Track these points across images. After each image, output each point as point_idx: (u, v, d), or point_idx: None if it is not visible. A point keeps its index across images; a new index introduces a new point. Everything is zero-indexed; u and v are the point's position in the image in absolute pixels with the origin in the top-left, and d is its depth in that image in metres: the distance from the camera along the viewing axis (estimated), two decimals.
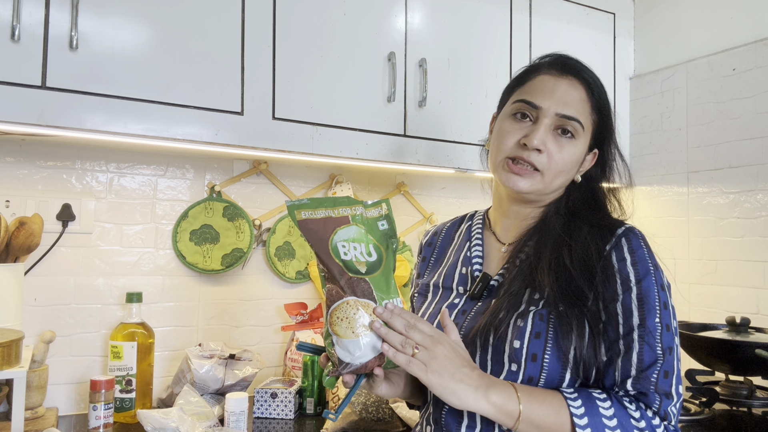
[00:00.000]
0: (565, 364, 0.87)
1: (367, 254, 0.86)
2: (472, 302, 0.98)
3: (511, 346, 0.88)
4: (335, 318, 0.82)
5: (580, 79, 0.97)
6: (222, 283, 1.75)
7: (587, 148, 1.00)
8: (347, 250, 0.85)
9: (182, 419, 1.30)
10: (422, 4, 1.67)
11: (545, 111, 0.95)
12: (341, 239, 0.86)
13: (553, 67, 0.98)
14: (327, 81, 1.52)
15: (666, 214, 2.07)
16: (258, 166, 1.79)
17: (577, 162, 0.98)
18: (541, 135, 0.94)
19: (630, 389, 0.85)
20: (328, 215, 0.87)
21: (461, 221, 1.15)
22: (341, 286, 0.83)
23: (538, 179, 0.96)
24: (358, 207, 0.90)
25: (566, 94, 0.95)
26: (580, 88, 0.97)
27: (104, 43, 1.26)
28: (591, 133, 0.99)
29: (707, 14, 1.98)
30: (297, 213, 0.86)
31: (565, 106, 0.95)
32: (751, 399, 1.50)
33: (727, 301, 1.88)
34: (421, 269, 1.14)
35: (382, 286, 0.86)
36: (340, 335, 0.82)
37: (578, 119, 0.95)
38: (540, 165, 0.95)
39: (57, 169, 1.55)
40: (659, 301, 0.87)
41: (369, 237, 0.88)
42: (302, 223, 0.86)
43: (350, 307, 0.82)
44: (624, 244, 0.90)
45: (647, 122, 2.14)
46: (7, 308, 1.35)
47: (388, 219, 0.92)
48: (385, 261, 0.88)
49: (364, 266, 0.85)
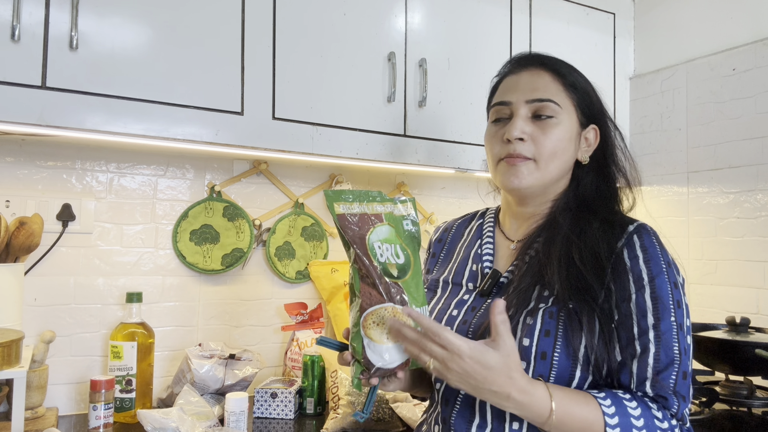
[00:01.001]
0: (575, 363, 0.86)
1: (396, 255, 0.87)
2: (482, 299, 0.98)
3: (520, 344, 0.88)
4: (370, 322, 0.82)
5: (541, 65, 0.99)
6: (222, 283, 1.75)
7: (578, 126, 0.99)
8: (382, 251, 0.86)
9: (182, 419, 1.30)
10: (422, 4, 1.67)
11: (516, 103, 0.98)
12: (377, 239, 0.86)
13: (514, 66, 1.02)
14: (327, 81, 1.52)
15: (666, 214, 2.07)
16: (258, 166, 1.79)
17: (567, 140, 0.97)
18: (519, 125, 0.96)
19: (649, 391, 0.85)
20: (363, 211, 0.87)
21: (471, 218, 1.15)
22: (380, 291, 0.83)
23: (532, 167, 0.96)
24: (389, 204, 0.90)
25: (530, 82, 0.98)
26: (543, 73, 0.98)
27: (104, 43, 1.26)
28: (575, 110, 0.98)
29: (707, 14, 1.98)
30: (336, 205, 0.86)
31: (533, 91, 0.97)
32: (751, 399, 1.50)
33: (727, 301, 1.88)
34: (430, 265, 1.14)
35: (413, 291, 0.87)
36: (374, 339, 0.82)
37: (550, 99, 0.96)
38: (529, 153, 0.96)
39: (57, 169, 1.55)
40: (673, 300, 0.87)
41: (398, 238, 0.88)
42: (341, 218, 0.86)
43: (387, 313, 0.83)
44: (636, 242, 0.90)
45: (647, 122, 2.14)
46: (7, 308, 1.35)
47: (413, 220, 0.93)
48: (414, 264, 0.88)
49: (395, 269, 0.86)
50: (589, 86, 1.02)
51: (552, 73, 0.98)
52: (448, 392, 0.95)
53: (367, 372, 0.84)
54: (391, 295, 0.83)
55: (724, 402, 1.51)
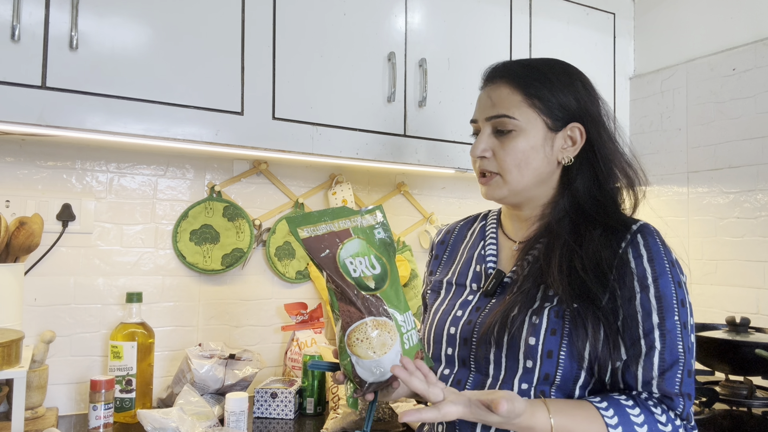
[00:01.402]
0: (581, 362, 0.87)
1: (371, 267, 0.86)
2: (486, 299, 0.99)
3: (526, 344, 0.88)
4: (354, 339, 0.81)
5: (502, 78, 1.00)
6: (222, 283, 1.75)
7: (546, 130, 0.96)
8: (355, 266, 0.84)
9: (182, 419, 1.30)
10: (422, 4, 1.67)
11: (480, 121, 1.01)
12: (348, 255, 0.85)
13: (482, 81, 1.05)
14: (327, 81, 1.52)
15: (666, 214, 2.07)
16: (258, 166, 1.79)
17: (531, 149, 0.96)
18: (480, 144, 0.99)
19: (655, 391, 0.85)
20: (330, 230, 0.86)
21: (474, 220, 1.16)
22: (358, 307, 0.82)
23: (499, 181, 0.99)
24: (356, 217, 0.89)
25: (490, 98, 1.00)
26: (502, 86, 0.99)
27: (104, 43, 1.26)
28: (540, 117, 0.96)
29: (707, 14, 1.98)
30: (300, 231, 0.84)
31: (492, 107, 0.99)
32: (751, 399, 1.50)
33: (727, 301, 1.88)
34: (434, 267, 1.15)
35: (393, 299, 0.86)
36: (360, 356, 0.81)
37: (505, 114, 0.97)
38: (493, 167, 0.99)
39: (57, 169, 1.55)
40: (677, 299, 0.87)
41: (370, 248, 0.87)
42: (307, 242, 0.84)
43: (369, 327, 0.82)
44: (639, 241, 0.90)
45: (647, 122, 2.14)
46: (7, 308, 1.35)
47: (384, 227, 0.92)
48: (391, 272, 0.88)
49: (371, 281, 0.85)
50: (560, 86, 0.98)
51: (510, 85, 0.98)
52: None
53: (361, 389, 0.83)
54: (370, 309, 0.83)
55: (724, 402, 1.51)
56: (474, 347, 0.94)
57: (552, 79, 0.98)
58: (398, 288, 0.88)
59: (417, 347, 0.88)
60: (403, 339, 0.84)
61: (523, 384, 0.89)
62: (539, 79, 0.98)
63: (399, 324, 0.85)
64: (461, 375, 0.96)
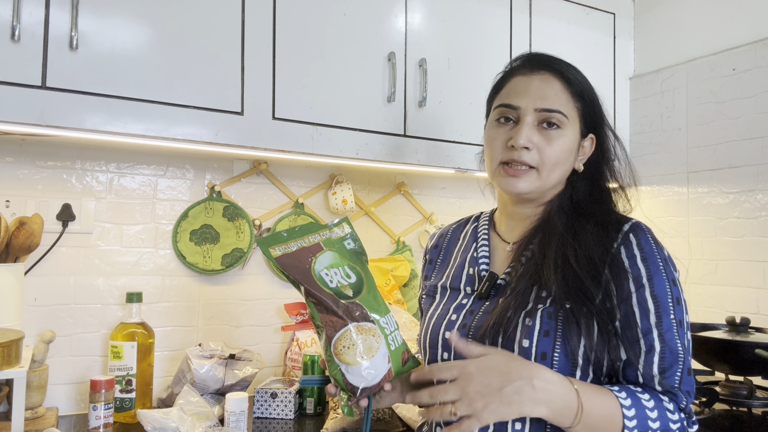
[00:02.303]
0: (575, 363, 0.87)
1: (346, 276, 0.88)
2: (480, 302, 0.98)
3: (520, 345, 0.88)
4: (341, 348, 0.83)
5: (552, 71, 0.98)
6: (222, 283, 1.75)
7: (579, 136, 0.99)
8: (331, 277, 0.87)
9: (182, 419, 1.30)
10: (422, 4, 1.67)
11: (524, 109, 0.96)
12: (322, 267, 0.87)
13: (525, 67, 1.00)
14: (327, 81, 1.52)
15: (666, 214, 2.07)
16: (258, 166, 1.79)
17: (569, 151, 0.97)
18: (526, 133, 0.94)
19: (657, 388, 0.86)
20: (301, 246, 0.88)
21: (466, 222, 1.15)
22: (339, 316, 0.84)
23: (534, 177, 0.96)
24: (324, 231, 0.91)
25: (541, 88, 0.96)
26: (554, 81, 0.97)
27: (104, 43, 1.26)
28: (579, 120, 0.98)
29: (707, 14, 1.98)
30: (272, 250, 0.86)
31: (543, 100, 0.96)
32: (751, 399, 1.50)
33: (727, 301, 1.88)
34: (428, 271, 1.14)
35: (373, 304, 0.88)
36: (349, 363, 0.83)
37: (559, 110, 0.95)
38: (533, 161, 0.95)
39: (57, 169, 1.55)
40: (672, 297, 0.87)
41: (342, 259, 0.90)
42: (280, 260, 0.86)
43: (353, 333, 0.83)
44: (632, 241, 0.90)
45: (647, 122, 2.14)
46: (7, 308, 1.35)
47: (353, 237, 0.94)
48: (366, 279, 0.90)
49: (349, 289, 0.87)
50: (593, 93, 1.01)
51: (563, 80, 0.97)
52: None
53: (354, 396, 0.84)
54: (352, 315, 0.84)
55: (724, 402, 1.51)
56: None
57: (588, 87, 1.00)
58: (376, 293, 0.90)
59: (402, 348, 0.89)
60: (388, 341, 0.86)
61: None
62: (582, 83, 0.99)
63: (382, 326, 0.87)
64: None
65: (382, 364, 0.84)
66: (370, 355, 0.83)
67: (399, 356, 0.88)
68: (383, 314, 0.88)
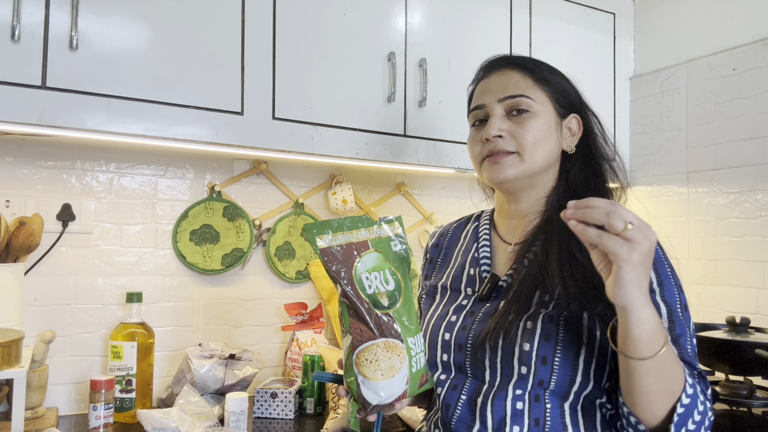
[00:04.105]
0: (575, 368, 0.86)
1: (385, 282, 0.83)
2: (481, 303, 0.97)
3: (520, 349, 0.87)
4: (363, 359, 0.79)
5: (510, 65, 1.01)
6: (222, 283, 1.75)
7: (557, 116, 1.00)
8: (370, 282, 0.82)
9: (182, 419, 1.30)
10: (422, 4, 1.67)
11: (489, 105, 1.00)
12: (364, 270, 0.82)
13: (484, 71, 1.05)
14: (327, 81, 1.52)
15: (666, 214, 2.07)
16: (258, 166, 1.79)
17: (546, 130, 0.97)
18: (495, 123, 0.97)
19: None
20: (349, 240, 0.83)
21: (467, 222, 1.14)
22: (370, 327, 0.80)
23: (517, 160, 0.97)
24: (374, 228, 0.86)
25: (500, 81, 1.00)
26: (512, 73, 1.00)
27: (104, 43, 1.26)
28: (550, 101, 0.99)
29: (707, 14, 1.98)
30: (318, 239, 0.81)
31: (504, 90, 0.99)
32: (751, 399, 1.50)
33: (727, 301, 1.88)
34: (428, 271, 1.14)
35: (405, 320, 0.83)
36: (368, 377, 0.79)
37: (522, 94, 0.97)
38: (510, 147, 0.97)
39: (57, 169, 1.55)
40: (681, 304, 0.88)
41: (385, 262, 0.84)
42: (325, 252, 0.81)
43: (379, 349, 0.80)
44: None
45: (647, 122, 2.14)
46: (7, 308, 1.35)
47: (401, 239, 0.88)
48: (405, 289, 0.85)
49: (385, 297, 0.82)
50: (561, 78, 1.03)
51: (520, 70, 1.00)
52: (449, 397, 0.94)
53: (364, 410, 0.81)
54: (383, 329, 0.80)
55: (724, 402, 1.51)
56: (469, 353, 0.93)
57: (553, 70, 1.03)
58: (410, 306, 0.85)
59: (423, 370, 0.86)
60: (411, 362, 0.82)
61: (518, 390, 0.88)
62: (545, 67, 1.02)
63: (409, 347, 0.83)
64: (458, 380, 0.95)
65: (399, 385, 0.80)
66: (390, 375, 0.79)
67: (418, 379, 0.84)
68: (413, 334, 0.84)
